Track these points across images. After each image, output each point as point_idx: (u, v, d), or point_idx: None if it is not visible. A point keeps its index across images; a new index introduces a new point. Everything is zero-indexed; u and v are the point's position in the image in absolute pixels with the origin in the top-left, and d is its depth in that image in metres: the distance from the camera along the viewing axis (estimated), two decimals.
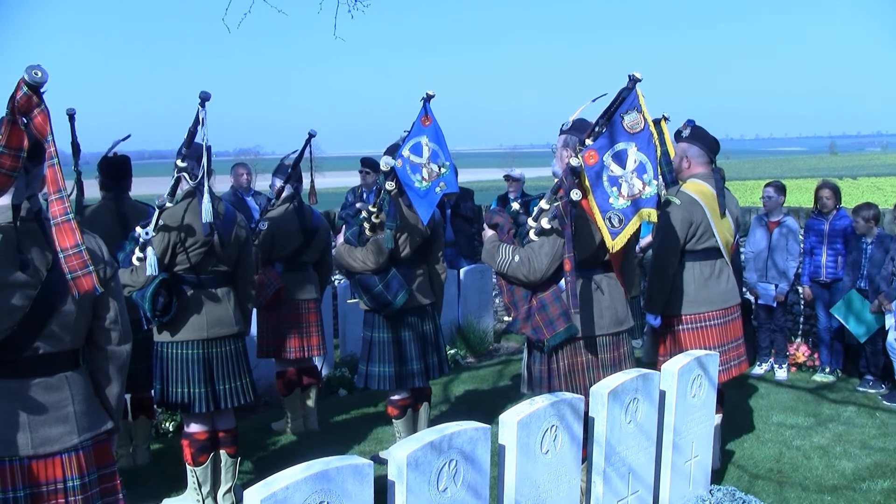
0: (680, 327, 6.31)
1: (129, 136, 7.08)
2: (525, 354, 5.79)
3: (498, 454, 4.32)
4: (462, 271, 11.66)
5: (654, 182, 5.23)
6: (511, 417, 4.26)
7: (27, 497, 3.41)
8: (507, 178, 12.51)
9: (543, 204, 5.30)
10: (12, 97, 3.04)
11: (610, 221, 5.15)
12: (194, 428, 6.04)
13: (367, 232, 6.48)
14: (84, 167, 6.97)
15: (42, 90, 3.05)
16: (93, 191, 6.97)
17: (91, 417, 3.60)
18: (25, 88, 3.01)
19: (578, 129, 5.42)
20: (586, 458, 4.84)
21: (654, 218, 5.26)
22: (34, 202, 3.49)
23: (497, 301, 12.64)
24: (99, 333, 3.66)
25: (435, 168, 6.34)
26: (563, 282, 5.18)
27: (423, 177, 6.30)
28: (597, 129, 5.23)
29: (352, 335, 10.12)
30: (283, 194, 7.79)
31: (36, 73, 2.99)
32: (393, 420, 7.06)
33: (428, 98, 6.37)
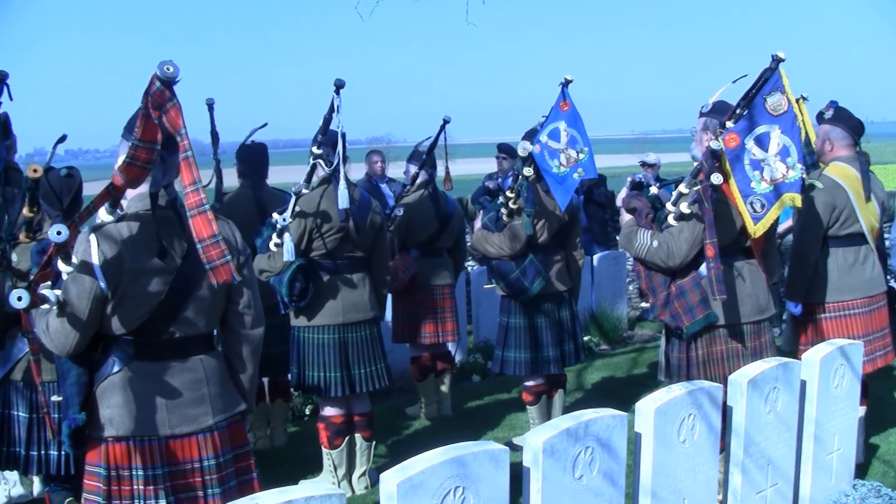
0: (822, 315, 6.12)
1: (266, 124, 7.19)
2: (662, 342, 5.70)
3: (634, 442, 4.25)
4: (596, 258, 11.55)
5: (798, 166, 5.07)
6: (648, 405, 4.18)
7: (166, 475, 3.51)
8: (643, 163, 12.35)
9: (683, 188, 5.19)
10: (146, 92, 3.11)
11: (752, 206, 5.02)
12: (330, 411, 6.11)
13: (505, 217, 6.45)
14: (222, 156, 7.10)
15: (174, 85, 3.11)
16: (231, 179, 7.10)
17: (225, 399, 3.68)
18: (158, 84, 3.07)
19: (718, 112, 5.28)
20: (724, 448, 4.73)
21: (798, 203, 5.11)
22: (170, 190, 3.57)
23: (631, 288, 12.50)
24: (233, 317, 3.73)
25: (573, 153, 6.26)
26: (703, 268, 5.07)
27: (561, 162, 6.24)
28: (738, 111, 5.10)
29: (485, 321, 10.10)
30: (418, 180, 7.80)
31: (168, 69, 3.05)
32: (527, 406, 7.02)
33: (566, 83, 6.30)
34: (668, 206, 5.25)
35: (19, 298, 3.11)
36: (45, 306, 3.38)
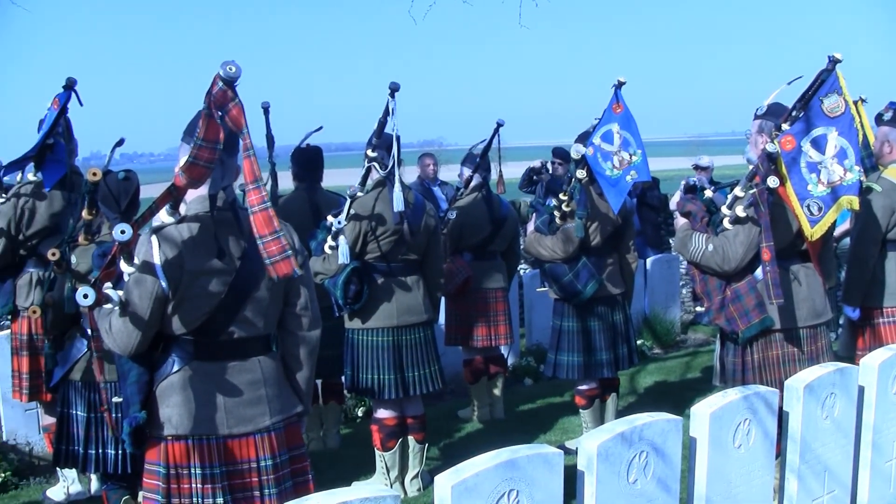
0: (880, 320, 6.04)
1: (321, 127, 7.23)
2: (717, 346, 5.66)
3: (689, 447, 4.23)
4: (649, 261, 11.47)
5: (856, 168, 5.02)
6: (703, 410, 4.16)
7: (224, 474, 3.55)
8: (696, 167, 12.28)
9: (738, 191, 5.15)
10: (209, 92, 3.15)
11: (808, 209, 4.97)
12: (383, 414, 6.13)
13: (558, 220, 6.43)
14: (277, 159, 7.15)
15: (236, 84, 3.15)
16: (286, 181, 7.15)
17: (283, 400, 3.71)
18: (221, 83, 3.11)
19: (774, 114, 5.24)
20: (779, 454, 4.69)
21: (856, 205, 5.05)
22: (229, 192, 3.61)
23: (684, 291, 12.41)
24: (290, 319, 3.76)
25: (626, 156, 6.23)
26: (758, 271, 5.04)
27: (614, 164, 6.21)
28: (794, 113, 5.06)
29: (538, 324, 10.07)
30: (472, 183, 7.82)
31: (230, 69, 3.09)
32: (580, 410, 6.99)
33: (619, 85, 6.28)
34: (724, 209, 5.22)
35: (85, 296, 3.17)
36: (108, 306, 3.44)
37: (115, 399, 3.59)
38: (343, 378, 6.35)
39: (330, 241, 5.73)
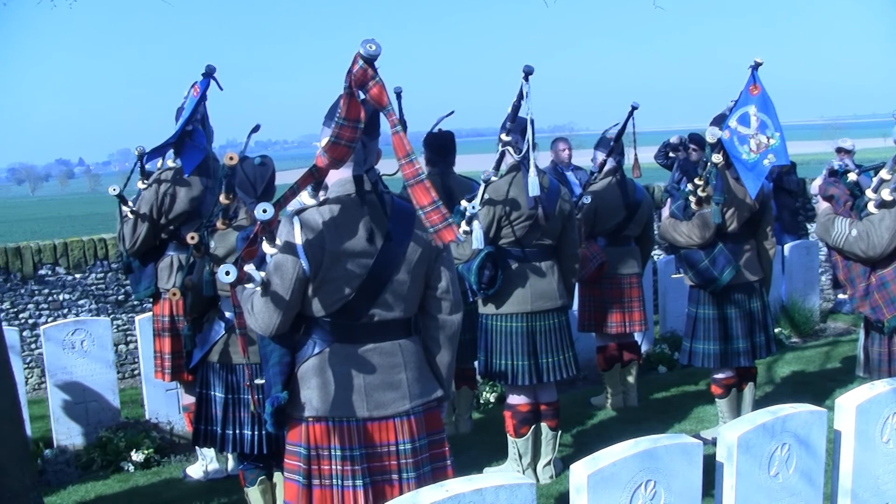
0: None
1: (452, 112, 7.23)
2: (861, 335, 5.49)
3: (833, 441, 4.10)
4: (787, 247, 11.21)
5: None
6: (849, 402, 4.03)
7: (363, 456, 3.56)
8: (839, 149, 11.93)
9: (884, 174, 4.98)
10: (349, 71, 3.15)
11: None
12: (517, 400, 6.12)
13: (693, 206, 6.31)
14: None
15: (376, 62, 3.15)
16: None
17: (422, 385, 3.70)
18: (361, 62, 3.11)
19: None
20: None
21: None
22: (372, 174, 3.62)
23: (824, 278, 12.09)
24: (431, 302, 3.75)
25: (763, 139, 6.08)
26: None
27: (751, 148, 6.07)
28: None
29: (672, 311, 9.96)
30: (606, 168, 7.74)
31: (370, 47, 3.08)
32: (716, 399, 6.86)
33: (756, 66, 6.12)
34: (869, 192, 5.06)
35: (227, 273, 3.22)
36: (250, 286, 3.49)
37: (258, 381, 3.63)
38: (476, 363, 6.36)
39: (464, 226, 5.72)
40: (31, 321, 9.73)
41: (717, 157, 6.08)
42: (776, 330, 10.05)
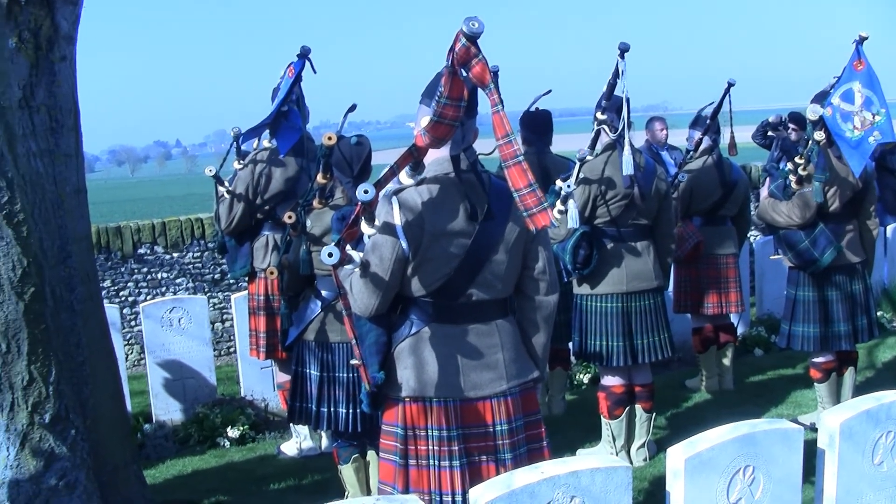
0: None
1: (549, 91, 7.18)
2: None
3: None
4: (889, 229, 10.93)
5: None
6: None
7: (460, 437, 3.56)
8: None
9: None
10: (451, 49, 3.13)
11: None
12: (611, 381, 6.07)
13: (794, 185, 6.17)
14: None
15: (478, 40, 3.12)
16: None
17: (519, 365, 3.67)
18: (464, 40, 3.08)
19: None
20: None
21: None
22: (470, 153, 3.60)
23: None
24: (528, 283, 3.72)
25: (868, 116, 5.91)
26: None
27: (854, 125, 5.90)
28: None
29: (769, 293, 9.77)
30: (702, 146, 7.62)
31: (473, 25, 3.05)
32: (815, 384, 6.72)
33: (861, 40, 5.95)
34: None
35: (330, 255, 3.23)
36: (349, 267, 3.50)
37: (354, 361, 3.64)
38: (570, 344, 6.32)
39: (559, 206, 5.68)
40: (130, 299, 9.95)
41: (819, 135, 5.93)
42: (878, 313, 9.81)
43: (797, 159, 6.13)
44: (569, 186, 5.57)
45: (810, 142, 6.00)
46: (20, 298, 4.21)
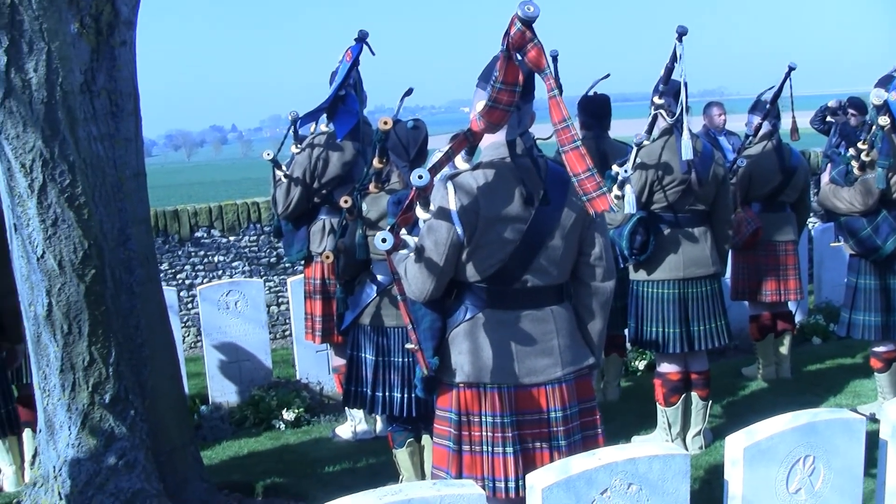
0: None
1: (608, 75, 7.13)
2: None
3: None
4: None
5: None
6: None
7: (514, 423, 3.54)
8: None
9: None
10: (506, 34, 3.11)
11: None
12: (667, 368, 6.02)
13: (856, 171, 6.08)
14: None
15: (534, 25, 3.09)
16: None
17: (574, 352, 3.65)
18: (519, 24, 3.06)
19: None
20: None
21: None
22: (526, 138, 3.57)
23: None
24: (584, 269, 3.69)
25: None
26: None
27: None
28: None
29: (828, 281, 9.65)
30: (761, 132, 7.52)
31: (528, 9, 3.02)
32: (875, 373, 6.63)
33: None
34: None
35: (384, 240, 3.22)
36: (404, 252, 3.50)
37: (409, 346, 3.63)
38: (626, 330, 6.28)
39: (616, 191, 5.64)
40: (187, 282, 10.03)
41: (882, 120, 5.83)
42: None
43: (860, 145, 6.03)
44: (626, 171, 5.54)
45: (874, 127, 5.91)
46: (81, 280, 4.26)
